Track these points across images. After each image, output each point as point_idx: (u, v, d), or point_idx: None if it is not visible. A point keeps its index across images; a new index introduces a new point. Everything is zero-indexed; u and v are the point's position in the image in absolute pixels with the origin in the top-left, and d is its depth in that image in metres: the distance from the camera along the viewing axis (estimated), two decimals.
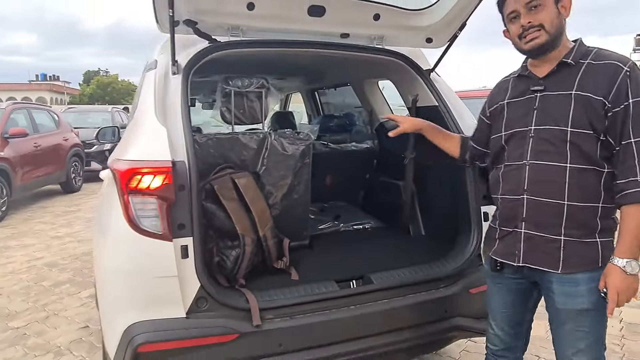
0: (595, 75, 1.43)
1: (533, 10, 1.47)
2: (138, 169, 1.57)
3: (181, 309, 1.61)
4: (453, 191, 2.23)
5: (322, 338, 1.74)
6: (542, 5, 1.46)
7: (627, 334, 3.04)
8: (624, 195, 1.39)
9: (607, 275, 1.42)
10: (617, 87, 1.38)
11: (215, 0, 1.90)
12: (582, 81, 1.44)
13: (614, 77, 1.39)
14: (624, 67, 1.39)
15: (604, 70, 1.42)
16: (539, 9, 1.46)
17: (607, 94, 1.39)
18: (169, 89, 1.85)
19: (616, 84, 1.38)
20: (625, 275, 1.39)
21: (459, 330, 2.01)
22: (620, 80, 1.38)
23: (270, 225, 2.00)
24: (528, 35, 1.48)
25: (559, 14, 1.47)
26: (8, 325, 3.30)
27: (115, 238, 1.63)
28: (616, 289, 1.39)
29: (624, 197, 1.39)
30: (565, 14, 1.48)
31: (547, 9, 1.46)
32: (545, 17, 1.46)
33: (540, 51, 1.50)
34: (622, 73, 1.38)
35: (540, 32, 1.47)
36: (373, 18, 2.18)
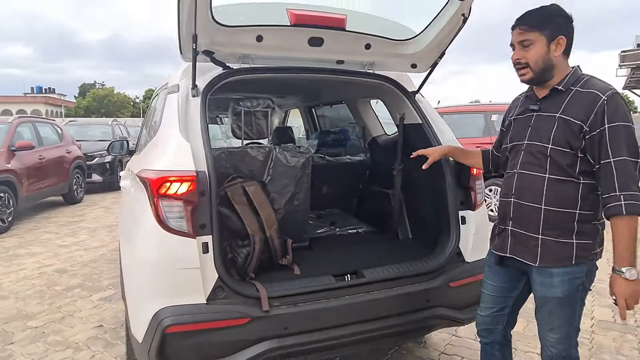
0: (579, 101, 1.65)
1: (524, 48, 1.72)
2: (167, 178, 1.87)
3: (202, 296, 1.89)
4: (435, 198, 2.54)
5: (321, 322, 2.03)
6: (533, 44, 1.70)
7: (597, 329, 3.34)
8: (609, 208, 1.59)
9: (612, 285, 1.61)
10: (594, 114, 1.60)
11: (229, 34, 2.21)
12: (567, 106, 1.67)
13: (592, 105, 1.61)
14: (602, 96, 1.60)
15: (585, 98, 1.63)
16: (530, 47, 1.71)
17: (586, 119, 1.61)
18: (190, 109, 2.16)
19: (594, 111, 1.60)
20: (627, 282, 1.57)
21: (440, 319, 2.29)
22: (597, 108, 1.59)
23: (275, 227, 2.30)
24: (517, 71, 1.76)
25: (548, 52, 1.70)
26: (27, 324, 3.54)
27: (147, 236, 1.91)
28: (622, 295, 1.58)
29: (608, 209, 1.59)
30: (556, 53, 1.69)
31: (536, 48, 1.70)
32: (532, 56, 1.71)
33: (529, 84, 1.80)
34: (600, 101, 1.59)
35: (526, 69, 1.73)
36: (365, 47, 2.51)
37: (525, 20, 1.74)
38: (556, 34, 1.69)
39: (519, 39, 1.74)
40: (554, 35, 1.69)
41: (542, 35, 1.69)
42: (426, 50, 2.54)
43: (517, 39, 1.75)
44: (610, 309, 3.66)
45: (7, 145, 7.23)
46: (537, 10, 1.73)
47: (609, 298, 3.54)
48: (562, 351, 1.80)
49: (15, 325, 3.53)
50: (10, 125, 7.69)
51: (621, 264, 1.59)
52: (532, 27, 1.70)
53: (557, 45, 1.70)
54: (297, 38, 2.34)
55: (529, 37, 1.71)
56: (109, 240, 6.22)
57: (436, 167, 2.46)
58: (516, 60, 1.75)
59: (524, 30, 1.72)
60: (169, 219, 1.86)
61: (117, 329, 3.42)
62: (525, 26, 1.72)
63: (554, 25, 1.69)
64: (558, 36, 1.69)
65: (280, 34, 2.31)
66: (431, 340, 3.17)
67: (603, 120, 1.59)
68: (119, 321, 3.55)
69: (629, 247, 1.59)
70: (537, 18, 1.71)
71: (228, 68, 2.30)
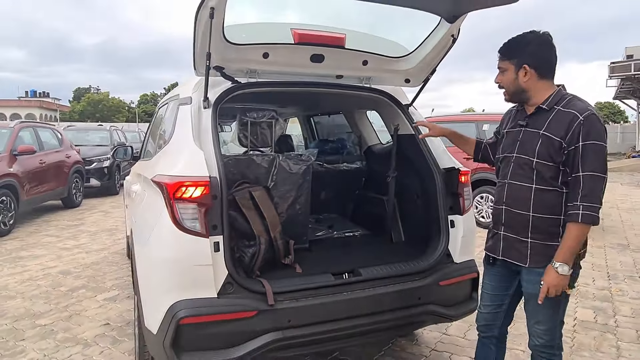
0: (560, 120, 1.85)
1: (501, 73, 1.99)
2: (183, 182, 2.05)
3: (213, 291, 2.07)
4: (426, 204, 2.74)
5: (321, 316, 2.21)
6: (506, 71, 1.96)
7: (578, 329, 3.54)
8: (569, 215, 1.81)
9: (545, 273, 1.87)
10: (572, 132, 1.80)
11: (238, 51, 2.42)
12: (550, 124, 1.88)
13: (571, 124, 1.80)
14: (580, 116, 1.79)
15: (566, 117, 1.83)
16: (504, 73, 1.98)
17: (565, 136, 1.82)
18: (202, 120, 2.35)
19: (572, 129, 1.80)
20: (557, 275, 1.82)
21: (430, 315, 2.49)
22: (575, 126, 1.79)
23: (279, 229, 2.49)
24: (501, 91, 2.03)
25: (516, 79, 1.93)
26: (36, 322, 3.69)
27: (164, 235, 2.09)
28: (548, 283, 1.85)
29: (569, 215, 1.81)
30: (524, 79, 1.91)
31: (507, 75, 1.96)
32: (505, 81, 1.98)
33: (510, 103, 2.04)
34: (578, 121, 1.79)
35: (503, 91, 2.02)
36: (362, 63, 2.72)
37: (501, 49, 1.98)
38: (522, 62, 1.91)
39: (498, 65, 2.00)
40: (520, 64, 1.91)
41: (511, 64, 1.93)
42: (419, 67, 2.75)
43: (498, 64, 2.00)
44: (592, 311, 3.87)
45: (9, 150, 7.36)
46: (512, 40, 1.96)
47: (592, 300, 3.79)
48: (547, 341, 2.01)
49: (25, 323, 3.68)
50: (13, 129, 7.83)
51: (559, 259, 1.82)
52: (504, 57, 1.95)
53: (525, 73, 1.91)
54: (300, 55, 2.55)
55: (503, 65, 1.97)
56: (110, 244, 6.36)
57: (427, 175, 2.67)
58: (497, 83, 2.02)
59: (499, 58, 1.98)
60: (184, 220, 2.05)
61: (123, 327, 3.58)
62: (501, 55, 1.98)
63: (523, 56, 1.91)
64: (523, 65, 1.90)
65: (285, 51, 2.51)
66: (423, 338, 3.36)
67: (579, 138, 1.80)
68: (125, 320, 3.71)
69: (572, 249, 1.82)
70: (509, 48, 1.95)
71: (236, 82, 2.50)
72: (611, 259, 5.44)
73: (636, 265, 5.21)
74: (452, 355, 3.11)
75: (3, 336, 3.43)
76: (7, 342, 3.33)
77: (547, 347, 2.02)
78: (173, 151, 2.37)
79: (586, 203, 1.78)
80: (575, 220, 1.79)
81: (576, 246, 1.82)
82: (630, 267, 5.12)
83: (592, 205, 1.78)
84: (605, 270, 5.02)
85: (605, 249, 5.90)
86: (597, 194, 1.80)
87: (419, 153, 2.73)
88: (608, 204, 9.64)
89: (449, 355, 3.11)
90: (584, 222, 1.78)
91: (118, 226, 7.50)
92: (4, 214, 6.88)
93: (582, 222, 1.78)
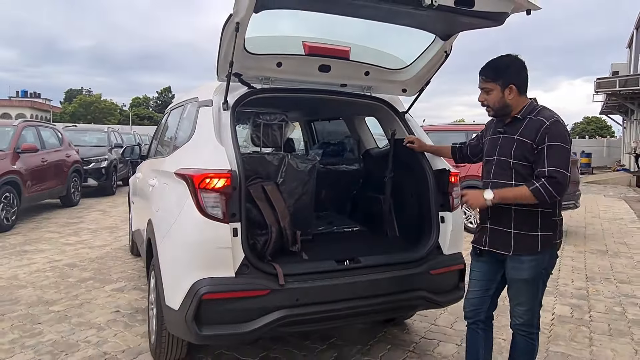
0: (530, 126, 2.17)
1: (486, 93, 2.28)
2: (208, 174, 2.32)
3: (231, 271, 2.33)
4: (419, 202, 3.04)
5: (325, 297, 2.48)
6: (492, 91, 2.25)
7: (556, 322, 3.84)
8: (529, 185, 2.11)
9: (478, 190, 2.24)
10: (539, 135, 2.12)
11: (255, 60, 2.71)
12: (523, 130, 2.21)
13: (539, 129, 2.13)
14: (546, 122, 2.11)
15: (535, 124, 2.15)
16: (489, 93, 2.27)
17: (534, 139, 2.14)
18: (222, 120, 2.63)
19: (539, 133, 2.12)
20: (479, 196, 2.21)
21: (422, 300, 2.77)
22: (542, 131, 2.12)
23: (288, 219, 2.76)
24: (486, 109, 2.33)
25: (503, 97, 2.23)
26: (49, 309, 3.90)
27: (189, 221, 2.35)
28: (468, 195, 2.26)
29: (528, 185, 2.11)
30: (510, 96, 2.22)
31: (494, 94, 2.25)
32: (491, 100, 2.27)
33: (495, 117, 2.34)
34: (545, 126, 2.12)
35: (488, 109, 2.31)
36: (364, 74, 3.03)
37: (485, 72, 2.28)
38: (508, 83, 2.22)
39: (482, 85, 2.29)
40: (506, 84, 2.23)
41: (498, 85, 2.23)
42: (415, 79, 3.07)
43: (480, 85, 2.30)
44: (569, 307, 4.19)
45: (13, 148, 7.56)
46: (493, 63, 2.26)
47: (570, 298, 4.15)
48: (527, 320, 2.31)
49: (39, 309, 3.89)
50: (16, 128, 8.02)
51: (494, 193, 2.19)
52: (490, 79, 2.25)
53: (510, 91, 2.23)
54: (309, 65, 2.85)
55: (488, 86, 2.26)
56: (112, 240, 6.57)
57: (421, 176, 2.97)
58: (480, 101, 2.31)
59: (484, 79, 2.27)
60: (207, 207, 2.32)
61: (133, 314, 3.81)
62: (485, 77, 2.27)
63: (506, 76, 2.23)
64: (510, 85, 2.22)
65: (296, 61, 2.81)
66: (413, 328, 3.64)
67: (544, 139, 2.12)
68: (134, 307, 3.95)
69: (506, 195, 2.17)
70: (493, 72, 2.24)
71: (252, 88, 2.79)
72: (590, 263, 5.78)
73: (613, 268, 5.56)
74: (440, 342, 3.39)
75: (20, 320, 3.65)
76: (25, 325, 3.55)
77: (526, 325, 2.32)
78: (195, 147, 2.64)
79: (548, 183, 2.07)
80: (529, 187, 2.10)
81: (511, 198, 2.17)
82: (607, 270, 5.47)
83: (548, 188, 2.07)
84: (584, 272, 5.36)
85: (586, 254, 6.25)
86: (559, 182, 2.07)
87: (413, 156, 3.03)
88: (591, 214, 10.05)
89: (437, 342, 3.39)
90: (532, 191, 2.10)
91: (117, 225, 7.71)
92: (7, 210, 7.06)
93: (531, 190, 2.10)
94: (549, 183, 2.07)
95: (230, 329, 2.33)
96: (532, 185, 2.10)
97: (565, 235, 7.57)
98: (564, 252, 6.35)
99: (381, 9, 2.26)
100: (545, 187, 2.07)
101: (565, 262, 5.81)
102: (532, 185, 2.11)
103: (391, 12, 2.32)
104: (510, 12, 2.32)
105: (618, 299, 4.43)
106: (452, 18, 2.36)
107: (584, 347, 3.38)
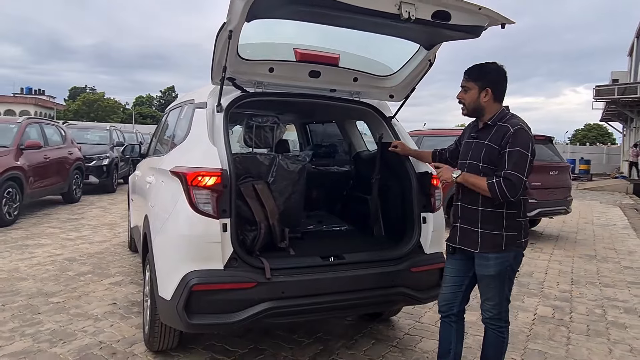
0: (498, 132, 2.35)
1: (464, 91, 2.43)
2: (200, 172, 2.48)
3: (220, 264, 2.48)
4: (403, 203, 3.19)
5: (310, 290, 2.62)
6: (470, 90, 2.41)
7: (537, 322, 3.98)
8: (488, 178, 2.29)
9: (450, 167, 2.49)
10: (504, 140, 2.30)
11: (249, 65, 2.86)
12: (492, 136, 2.38)
13: (505, 135, 2.30)
14: (511, 129, 2.28)
15: (502, 130, 2.32)
16: (467, 92, 2.42)
17: (500, 144, 2.32)
18: (215, 122, 2.78)
19: (504, 138, 2.31)
20: (451, 172, 2.44)
21: (402, 296, 2.91)
22: (506, 136, 2.29)
23: (277, 217, 2.91)
24: (461, 106, 2.47)
25: (478, 98, 2.39)
26: (48, 300, 4.05)
27: (181, 216, 2.50)
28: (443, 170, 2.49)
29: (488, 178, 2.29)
30: (485, 99, 2.38)
31: (470, 94, 2.41)
32: (467, 99, 2.42)
33: (467, 116, 2.49)
34: (509, 132, 2.29)
35: (463, 107, 2.46)
36: (353, 80, 3.18)
37: (469, 71, 2.44)
38: (485, 86, 2.38)
39: (463, 83, 2.45)
40: (484, 87, 2.38)
41: (477, 85, 2.38)
42: (401, 85, 3.22)
43: (462, 83, 2.45)
44: (551, 308, 4.32)
45: (16, 144, 7.72)
46: (478, 66, 2.43)
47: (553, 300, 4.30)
48: (495, 314, 2.46)
49: (39, 300, 4.04)
50: (20, 125, 8.19)
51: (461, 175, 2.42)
52: (471, 78, 2.40)
53: (486, 94, 2.38)
54: (300, 71, 3.00)
55: (468, 85, 2.41)
56: (111, 237, 6.72)
57: (405, 178, 3.12)
58: (458, 99, 2.46)
59: (466, 78, 2.43)
60: (199, 203, 2.47)
61: (129, 306, 3.96)
62: (467, 76, 2.42)
63: (486, 80, 2.38)
64: (487, 88, 2.37)
65: (288, 67, 2.96)
66: (398, 324, 3.78)
67: (507, 144, 2.28)
68: (130, 300, 4.09)
69: (468, 179, 2.39)
70: (476, 72, 2.41)
71: (245, 91, 2.94)
72: (577, 267, 5.92)
73: (599, 273, 5.70)
74: (423, 339, 3.53)
75: (20, 310, 3.79)
76: (25, 315, 3.70)
77: (495, 319, 2.46)
78: (190, 147, 2.79)
79: (502, 183, 2.24)
80: (486, 181, 2.29)
81: (470, 182, 2.37)
82: (593, 275, 5.60)
83: (502, 186, 2.24)
84: (570, 276, 5.49)
85: (574, 259, 6.39)
86: (512, 185, 2.24)
87: (398, 159, 3.18)
88: (584, 219, 10.18)
89: (419, 338, 3.53)
90: (488, 185, 2.28)
91: (117, 221, 7.86)
92: (10, 205, 7.21)
93: (487, 184, 2.28)
94: (503, 183, 2.24)
95: (218, 318, 2.48)
96: (490, 180, 2.28)
97: (556, 240, 7.71)
98: (552, 256, 6.49)
99: (364, 21, 2.41)
100: (500, 185, 2.24)
101: (553, 265, 5.95)
102: (489, 180, 2.28)
103: (374, 24, 2.47)
104: (487, 26, 2.47)
105: (600, 302, 4.56)
106: (432, 30, 2.51)
107: (561, 345, 3.52)
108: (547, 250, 6.88)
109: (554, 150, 8.10)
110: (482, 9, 2.36)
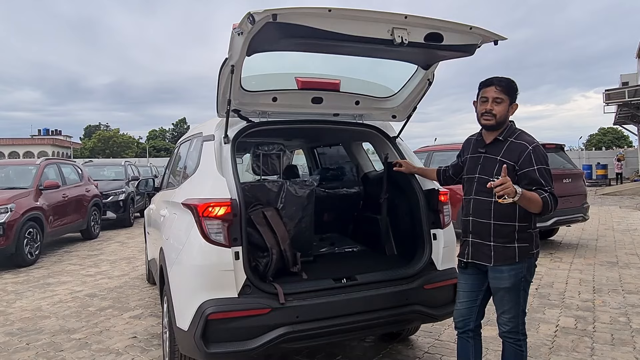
0: (513, 149, 2.38)
1: (496, 103, 2.42)
2: (210, 203, 2.55)
3: (234, 292, 2.52)
4: (412, 221, 3.21)
5: (324, 313, 2.64)
6: (503, 102, 2.41)
7: (559, 334, 3.91)
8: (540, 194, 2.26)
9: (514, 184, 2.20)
10: (523, 158, 2.33)
11: (252, 96, 2.97)
12: (505, 151, 2.41)
13: (522, 152, 2.33)
14: (529, 146, 2.33)
15: (518, 147, 2.36)
16: (500, 104, 2.42)
17: (517, 161, 2.34)
18: (223, 153, 2.87)
19: (523, 156, 2.32)
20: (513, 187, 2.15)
21: (417, 314, 2.90)
22: (525, 154, 2.31)
23: (288, 242, 2.95)
24: (486, 116, 2.44)
25: (507, 111, 2.43)
26: (71, 337, 4.12)
27: (195, 246, 2.57)
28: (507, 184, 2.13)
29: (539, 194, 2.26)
30: (511, 113, 2.43)
31: (502, 106, 2.41)
32: (499, 111, 2.41)
33: (488, 129, 2.49)
34: (527, 150, 2.33)
35: (491, 118, 2.42)
36: (355, 103, 3.26)
37: (501, 83, 2.41)
38: (513, 101, 2.43)
39: (495, 95, 2.40)
40: (512, 101, 2.43)
41: (508, 99, 2.42)
42: (402, 106, 3.29)
43: (493, 95, 2.41)
44: (574, 319, 4.24)
45: (36, 185, 7.96)
46: (507, 80, 2.43)
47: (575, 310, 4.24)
48: (512, 327, 2.44)
49: (62, 337, 4.11)
50: (39, 166, 8.45)
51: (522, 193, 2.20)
52: (504, 91, 2.40)
53: (512, 109, 2.44)
54: (303, 98, 3.09)
55: (502, 96, 2.40)
56: (129, 270, 6.81)
57: (413, 196, 3.15)
58: (488, 110, 2.42)
59: (499, 90, 2.40)
60: (211, 233, 2.53)
61: (149, 339, 4.00)
62: (501, 88, 2.40)
63: (514, 96, 2.44)
64: (513, 104, 2.43)
65: (290, 95, 3.06)
66: (417, 343, 3.75)
67: (532, 162, 2.32)
68: (150, 333, 4.14)
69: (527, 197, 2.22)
70: (508, 86, 2.41)
71: (251, 122, 3.04)
72: (599, 275, 5.80)
73: (622, 280, 5.58)
74: (442, 356, 3.49)
75: (44, 348, 3.87)
76: (49, 353, 3.77)
77: (512, 332, 2.45)
78: (200, 179, 2.88)
79: (550, 195, 2.29)
80: (540, 195, 2.27)
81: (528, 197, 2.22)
82: (616, 282, 5.48)
83: (552, 202, 2.29)
84: (591, 284, 5.39)
85: (595, 266, 6.27)
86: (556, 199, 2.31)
87: (405, 177, 3.22)
88: (604, 226, 9.99)
89: (439, 356, 3.50)
90: (542, 199, 2.27)
91: (135, 255, 7.98)
92: (31, 245, 7.39)
93: (542, 199, 2.27)
94: (551, 198, 2.29)
95: (236, 346, 2.50)
96: (542, 195, 2.28)
97: (576, 249, 7.58)
98: (572, 265, 6.38)
99: (360, 48, 2.49)
100: (551, 200, 2.29)
101: (573, 274, 5.85)
102: (542, 194, 2.28)
103: (369, 49, 2.56)
104: (480, 44, 2.54)
105: (624, 309, 4.47)
106: (427, 51, 2.58)
107: (585, 356, 3.45)
108: (567, 259, 6.77)
109: (565, 158, 8.04)
110: (473, 29, 2.43)
